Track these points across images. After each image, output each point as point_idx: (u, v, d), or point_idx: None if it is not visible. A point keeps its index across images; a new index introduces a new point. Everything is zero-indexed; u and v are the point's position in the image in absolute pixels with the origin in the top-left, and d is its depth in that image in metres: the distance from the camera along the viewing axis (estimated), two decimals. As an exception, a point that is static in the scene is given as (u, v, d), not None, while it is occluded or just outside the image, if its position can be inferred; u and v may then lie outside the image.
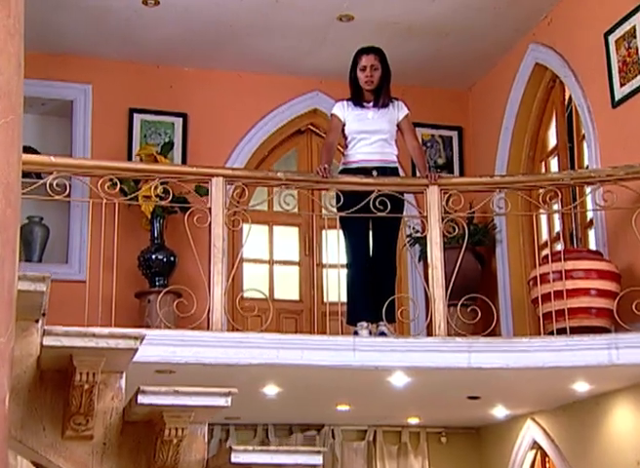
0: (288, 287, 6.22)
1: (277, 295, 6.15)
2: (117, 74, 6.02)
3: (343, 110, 4.65)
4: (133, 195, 4.15)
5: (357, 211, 4.25)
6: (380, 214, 4.21)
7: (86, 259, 4.74)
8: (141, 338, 2.41)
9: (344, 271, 4.58)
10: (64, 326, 4.96)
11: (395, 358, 3.98)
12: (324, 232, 4.90)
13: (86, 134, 5.87)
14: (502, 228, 5.80)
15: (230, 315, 4.45)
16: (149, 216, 5.30)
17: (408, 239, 5.59)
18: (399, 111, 4.69)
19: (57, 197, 3.86)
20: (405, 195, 4.48)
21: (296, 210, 4.29)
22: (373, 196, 4.23)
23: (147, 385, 2.39)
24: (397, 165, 4.64)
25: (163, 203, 4.02)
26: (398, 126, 4.66)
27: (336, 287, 4.37)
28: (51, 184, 3.85)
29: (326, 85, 6.27)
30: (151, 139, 5.96)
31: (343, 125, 4.64)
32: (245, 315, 4.26)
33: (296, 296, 6.22)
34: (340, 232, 4.55)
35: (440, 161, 6.51)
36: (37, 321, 2.56)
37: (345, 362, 3.94)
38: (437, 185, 4.25)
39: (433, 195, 4.24)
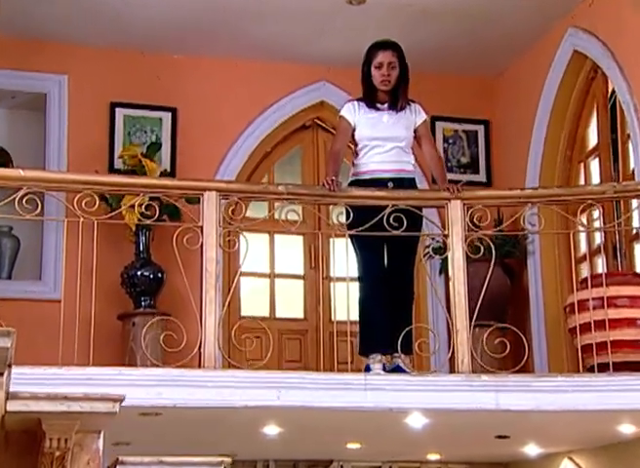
0: (291, 303, 6.22)
1: (279, 313, 6.17)
2: (97, 63, 5.99)
3: (354, 113, 4.56)
4: (114, 213, 4.09)
5: (370, 228, 4.16)
6: (394, 232, 4.13)
7: (62, 276, 4.74)
8: (121, 400, 2.38)
9: (355, 286, 4.52)
10: (36, 352, 4.98)
11: (412, 398, 3.94)
12: (332, 241, 4.87)
13: (61, 131, 5.84)
14: (535, 238, 5.74)
15: (226, 347, 4.40)
16: (134, 228, 5.26)
17: (427, 251, 5.56)
18: (417, 115, 4.62)
19: (28, 216, 3.81)
20: (424, 210, 4.40)
21: (298, 225, 4.17)
22: (387, 211, 4.16)
23: (128, 440, 2.34)
24: (414, 175, 4.57)
25: (149, 222, 3.96)
26: (415, 132, 4.57)
27: (345, 303, 4.33)
28: (20, 200, 3.79)
29: (334, 74, 6.24)
30: (136, 138, 5.94)
31: (353, 129, 4.54)
32: (242, 337, 4.18)
33: (300, 314, 6.22)
34: (350, 245, 4.47)
35: (463, 160, 6.48)
36: (1, 374, 2.53)
37: (356, 403, 3.90)
38: (460, 199, 4.17)
39: (455, 211, 4.18)
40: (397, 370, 4.34)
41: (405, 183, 4.48)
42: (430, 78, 6.36)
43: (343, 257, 4.28)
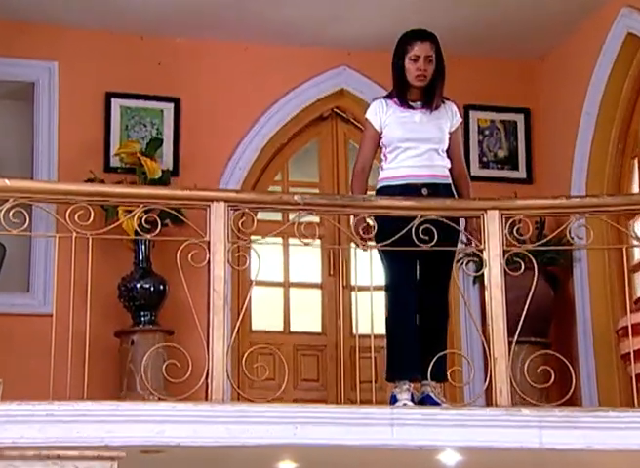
0: (307, 315, 6.23)
1: (294, 327, 6.18)
2: (90, 48, 5.98)
3: (382, 113, 4.47)
4: (111, 227, 4.05)
5: (399, 241, 4.10)
6: (424, 246, 4.08)
7: (52, 287, 4.71)
8: (120, 458, 2.35)
9: (381, 297, 4.48)
10: (24, 373, 4.97)
11: (444, 435, 3.89)
12: (353, 246, 4.78)
13: (51, 125, 5.84)
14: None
15: (235, 371, 4.38)
16: (132, 235, 5.23)
17: (460, 257, 5.49)
18: (453, 117, 4.55)
19: (15, 232, 3.78)
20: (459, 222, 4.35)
21: (317, 241, 4.13)
22: (416, 223, 4.09)
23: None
24: (449, 181, 4.51)
25: (149, 236, 3.93)
26: (449, 135, 4.51)
27: (368, 315, 4.25)
28: (6, 214, 3.76)
29: (356, 58, 6.25)
30: (134, 132, 5.95)
31: (381, 132, 4.48)
32: (254, 366, 4.16)
33: (317, 328, 6.22)
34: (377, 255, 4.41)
35: (501, 154, 6.45)
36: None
37: (381, 440, 3.85)
38: (497, 209, 4.11)
39: (493, 222, 4.11)
40: (427, 400, 4.30)
41: (440, 190, 4.42)
42: (463, 62, 6.34)
43: (366, 263, 4.20)
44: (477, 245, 4.22)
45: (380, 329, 4.33)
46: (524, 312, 4.09)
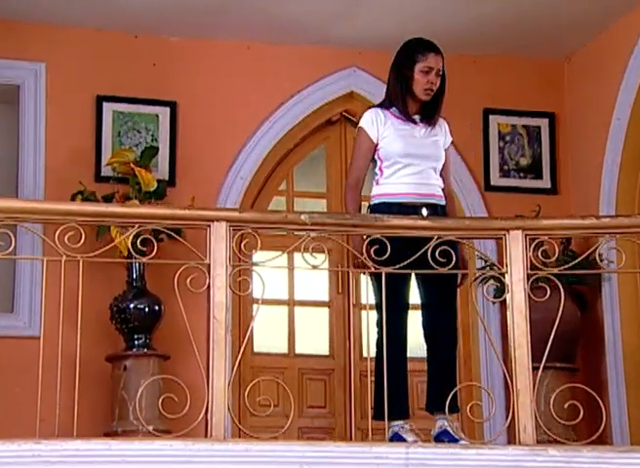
0: (314, 336, 6.24)
1: (300, 349, 6.19)
2: (80, 48, 5.99)
3: (380, 123, 4.45)
4: (103, 249, 4.02)
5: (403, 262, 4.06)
6: (441, 270, 4.06)
7: (39, 308, 4.72)
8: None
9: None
10: (8, 401, 4.96)
11: (465, 476, 3.87)
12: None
13: (38, 131, 5.84)
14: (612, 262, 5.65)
15: (235, 405, 4.37)
16: (125, 252, 5.23)
17: (479, 275, 5.48)
18: (446, 135, 4.57)
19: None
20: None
21: (326, 264, 4.08)
22: (432, 244, 4.06)
23: None
24: (444, 202, 4.52)
25: (145, 260, 3.93)
26: None
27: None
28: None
29: (365, 58, 6.26)
30: (127, 139, 5.95)
31: (376, 145, 4.45)
32: (257, 400, 4.15)
33: (324, 350, 6.22)
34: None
35: (523, 161, 6.45)
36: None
37: (395, 482, 3.84)
38: (521, 230, 4.09)
39: (516, 244, 4.09)
40: (443, 436, 4.29)
41: (438, 211, 4.46)
42: (481, 62, 6.45)
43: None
44: (499, 268, 4.21)
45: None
46: (550, 339, 4.09)
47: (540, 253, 4.11)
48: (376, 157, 4.51)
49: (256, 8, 5.82)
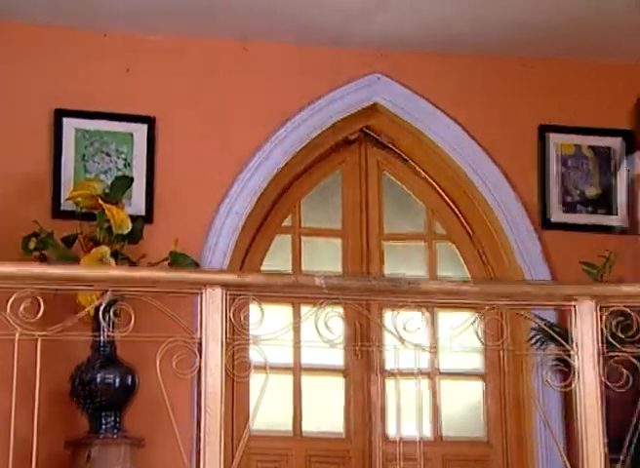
0: (326, 413, 6.23)
1: (307, 427, 6.17)
2: (35, 49, 5.99)
3: None
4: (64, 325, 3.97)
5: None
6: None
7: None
8: None
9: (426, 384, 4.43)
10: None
11: None
12: (387, 315, 4.70)
13: (-23, 155, 5.85)
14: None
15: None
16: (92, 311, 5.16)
17: (533, 334, 5.51)
18: None
19: None
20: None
21: (341, 339, 4.12)
22: (482, 314, 4.07)
23: None
24: None
25: (119, 334, 3.91)
26: None
27: (410, 411, 4.27)
28: None
29: (393, 62, 6.28)
30: (94, 164, 5.96)
31: None
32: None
33: (339, 429, 6.20)
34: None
35: (590, 192, 6.45)
36: None
37: None
38: (593, 299, 4.07)
39: (587, 316, 4.07)
40: None
41: None
42: (538, 66, 6.45)
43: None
44: (563, 345, 4.19)
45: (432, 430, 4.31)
46: (629, 435, 4.07)
47: (614, 326, 4.09)
48: None
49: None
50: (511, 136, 6.28)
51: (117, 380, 5.39)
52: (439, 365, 6.08)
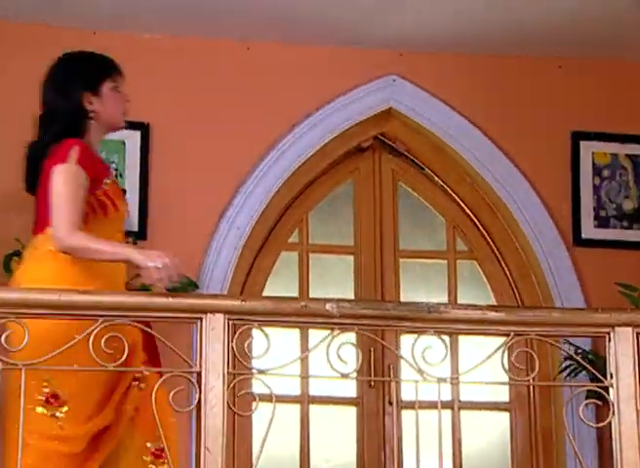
0: (336, 446, 6.25)
1: (316, 462, 6.18)
2: (18, 49, 6.00)
3: None
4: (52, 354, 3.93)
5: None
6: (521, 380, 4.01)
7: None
8: None
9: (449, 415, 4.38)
10: None
11: None
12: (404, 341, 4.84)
13: (-45, 166, 5.86)
14: None
15: None
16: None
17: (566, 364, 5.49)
18: None
19: None
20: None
21: (353, 367, 4.08)
22: (508, 343, 4.03)
23: None
24: None
25: (111, 368, 3.84)
26: None
27: (431, 447, 4.19)
28: None
29: (409, 63, 6.31)
30: None
31: None
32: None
33: (351, 465, 6.20)
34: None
35: (627, 205, 6.45)
36: None
37: None
38: (632, 327, 4.03)
39: (624, 346, 4.03)
40: None
41: None
42: (569, 68, 6.44)
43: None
44: (598, 377, 4.16)
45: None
46: None
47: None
48: None
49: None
50: (540, 143, 6.28)
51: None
52: (460, 395, 6.07)
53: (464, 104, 6.29)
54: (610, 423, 4.08)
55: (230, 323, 3.97)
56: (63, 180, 4.35)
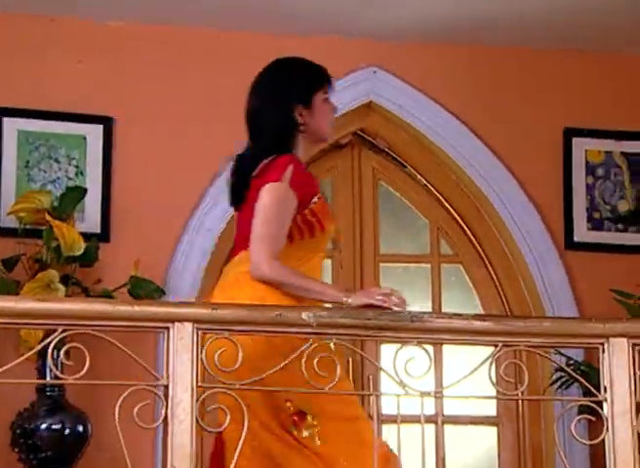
0: None
1: None
2: None
3: None
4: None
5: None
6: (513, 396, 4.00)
7: None
8: None
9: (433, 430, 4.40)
10: None
11: None
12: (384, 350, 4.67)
13: None
14: None
15: None
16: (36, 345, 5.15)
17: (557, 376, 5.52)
18: None
19: None
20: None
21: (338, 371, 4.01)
22: (496, 354, 4.04)
23: None
24: None
25: (70, 380, 3.82)
26: None
27: (413, 462, 4.18)
28: None
29: (392, 54, 6.31)
30: (40, 173, 5.97)
31: None
32: None
33: None
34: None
35: (623, 207, 6.48)
36: None
37: None
38: (627, 338, 4.03)
39: (619, 358, 4.02)
40: None
41: None
42: (562, 60, 6.49)
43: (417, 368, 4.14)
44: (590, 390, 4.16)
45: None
46: None
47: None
48: None
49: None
50: (529, 140, 6.30)
51: (66, 429, 5.39)
52: (445, 409, 6.07)
53: (450, 98, 6.31)
54: (603, 440, 4.06)
55: (200, 332, 3.92)
56: (274, 202, 4.30)
